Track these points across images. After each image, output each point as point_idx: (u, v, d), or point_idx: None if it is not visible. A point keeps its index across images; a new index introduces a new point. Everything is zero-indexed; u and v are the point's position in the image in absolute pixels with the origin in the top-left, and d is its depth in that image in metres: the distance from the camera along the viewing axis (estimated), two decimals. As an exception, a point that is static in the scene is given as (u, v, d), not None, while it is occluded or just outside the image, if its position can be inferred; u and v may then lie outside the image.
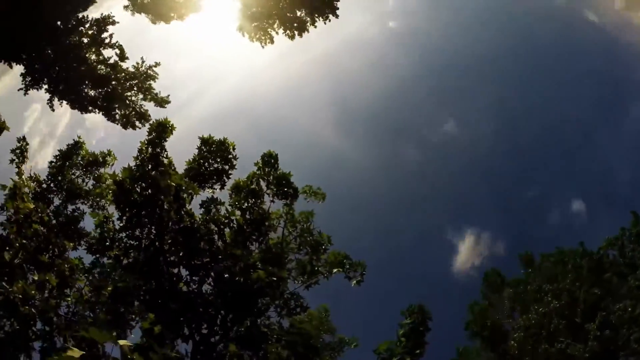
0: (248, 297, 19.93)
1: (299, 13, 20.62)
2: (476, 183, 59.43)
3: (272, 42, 21.19)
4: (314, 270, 22.45)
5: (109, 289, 17.19)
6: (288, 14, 20.51)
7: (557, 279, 28.29)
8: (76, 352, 12.58)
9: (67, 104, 16.75)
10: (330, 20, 20.83)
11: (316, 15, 20.46)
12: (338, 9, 20.39)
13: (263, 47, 21.39)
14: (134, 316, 17.36)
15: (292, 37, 21.23)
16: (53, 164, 17.54)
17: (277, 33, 20.98)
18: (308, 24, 20.87)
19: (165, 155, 21.17)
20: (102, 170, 18.85)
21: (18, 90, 15.94)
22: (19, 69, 15.72)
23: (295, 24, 20.77)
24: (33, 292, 13.48)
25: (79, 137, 18.08)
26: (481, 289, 31.22)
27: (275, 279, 20.96)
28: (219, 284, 20.17)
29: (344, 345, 23.61)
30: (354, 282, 21.73)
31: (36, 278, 14.24)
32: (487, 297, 30.74)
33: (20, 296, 12.96)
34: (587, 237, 29.38)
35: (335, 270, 21.88)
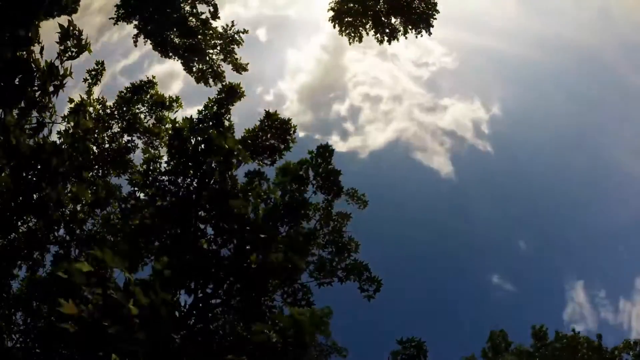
0: (260, 274, 20.31)
1: (394, 20, 20.61)
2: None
3: (360, 41, 21.35)
4: (332, 271, 22.48)
5: (137, 222, 17.94)
6: (383, 18, 20.55)
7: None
8: (85, 267, 13.26)
9: (150, 44, 17.79)
10: (422, 35, 20.69)
11: (410, 26, 20.37)
12: (433, 26, 20.23)
13: (350, 43, 21.61)
14: (149, 254, 18.08)
15: (380, 42, 21.28)
16: (122, 94, 18.73)
17: (367, 34, 21.10)
18: (400, 33, 20.83)
19: (227, 118, 21.99)
20: (165, 113, 19.86)
21: (109, 19, 17.10)
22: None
23: (387, 30, 20.78)
24: (67, 201, 14.27)
25: (153, 77, 19.19)
26: (483, 348, 29.99)
27: (291, 265, 21.24)
28: (238, 252, 20.69)
29: (333, 352, 23.59)
30: (365, 295, 21.58)
31: (74, 190, 15.12)
32: (487, 356, 29.53)
33: (52, 203, 13.77)
34: None
35: (351, 277, 21.84)
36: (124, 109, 17.74)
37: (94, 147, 15.90)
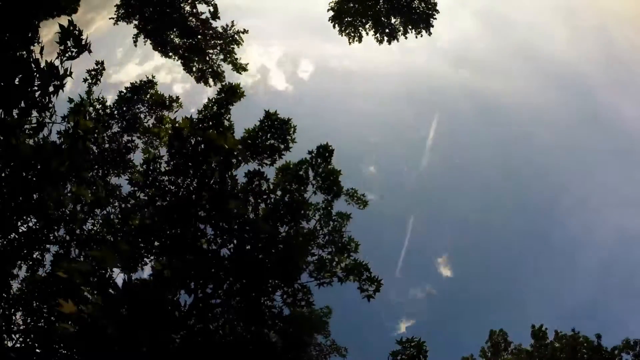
0: (260, 273, 20.31)
1: (394, 20, 20.61)
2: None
3: (359, 41, 21.35)
4: (332, 271, 22.44)
5: (137, 222, 17.94)
6: (383, 18, 20.55)
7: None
8: (84, 266, 13.30)
9: (150, 43, 17.78)
10: (422, 36, 20.70)
11: (410, 27, 20.38)
12: (433, 26, 20.24)
13: (350, 43, 21.60)
14: (149, 254, 18.08)
15: (380, 42, 21.28)
16: (122, 94, 18.72)
17: (367, 34, 21.11)
18: (400, 33, 20.83)
19: (227, 118, 21.99)
20: (165, 113, 19.83)
21: (109, 18, 17.09)
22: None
23: (387, 30, 20.78)
24: (67, 201, 14.27)
25: (153, 77, 19.18)
26: (482, 347, 29.95)
27: (291, 265, 21.22)
28: (238, 252, 20.68)
29: (333, 352, 23.57)
30: (365, 295, 21.51)
31: (74, 190, 15.13)
32: (486, 356, 29.51)
33: (52, 204, 13.77)
34: None
35: (351, 277, 21.77)
36: (124, 108, 17.74)
37: (94, 147, 15.86)
